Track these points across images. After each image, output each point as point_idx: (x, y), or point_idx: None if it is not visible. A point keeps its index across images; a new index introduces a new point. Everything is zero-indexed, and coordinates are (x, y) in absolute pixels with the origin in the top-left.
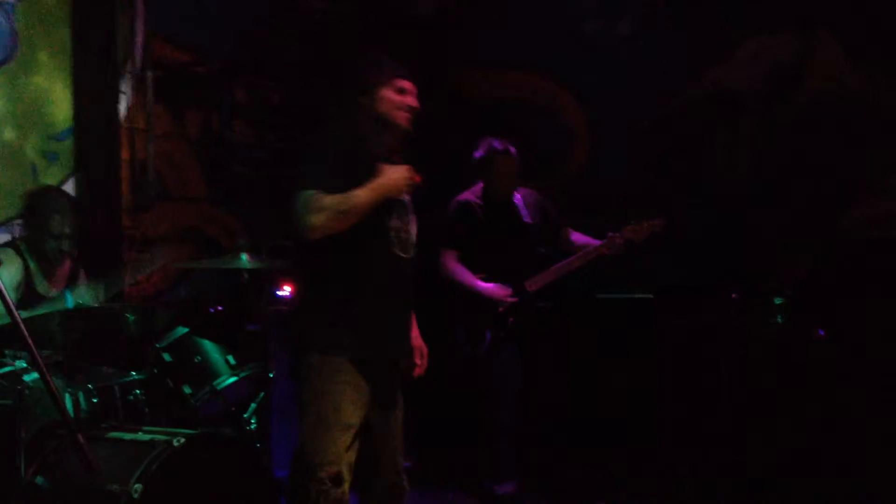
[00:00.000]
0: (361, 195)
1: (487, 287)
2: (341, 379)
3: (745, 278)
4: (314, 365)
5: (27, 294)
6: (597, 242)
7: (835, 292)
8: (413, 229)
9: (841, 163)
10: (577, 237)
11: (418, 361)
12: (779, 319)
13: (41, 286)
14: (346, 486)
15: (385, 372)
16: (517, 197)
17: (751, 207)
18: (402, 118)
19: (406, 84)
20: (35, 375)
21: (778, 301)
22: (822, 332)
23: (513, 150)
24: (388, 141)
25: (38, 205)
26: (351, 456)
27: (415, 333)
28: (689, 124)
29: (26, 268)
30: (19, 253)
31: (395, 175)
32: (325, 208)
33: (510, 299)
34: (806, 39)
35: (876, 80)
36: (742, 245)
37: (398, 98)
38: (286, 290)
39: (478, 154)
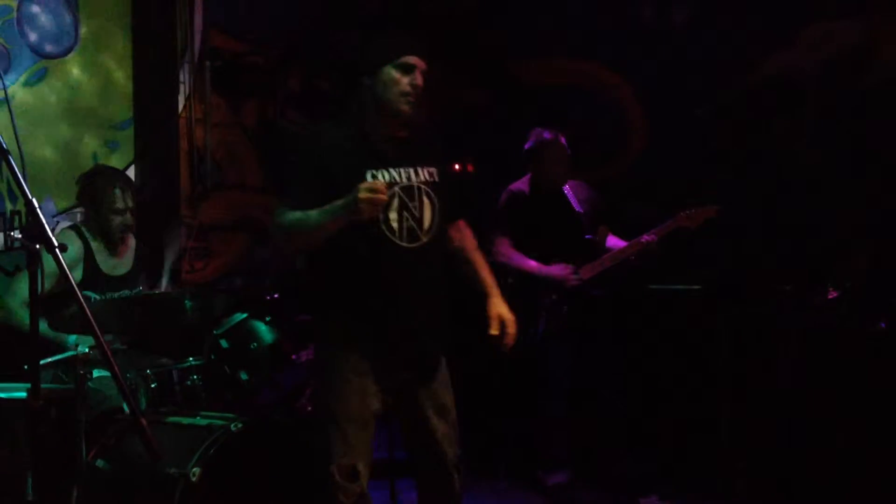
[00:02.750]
0: (313, 219)
1: (550, 269)
2: (346, 372)
3: (805, 270)
4: (320, 358)
5: (91, 274)
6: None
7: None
8: (427, 214)
9: None
10: (615, 243)
11: (497, 331)
12: (838, 311)
13: (105, 264)
14: (364, 480)
15: (414, 364)
16: (566, 187)
17: (811, 197)
18: (401, 102)
19: (413, 59)
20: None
21: (836, 293)
22: (883, 325)
23: (562, 139)
24: (389, 126)
25: (95, 184)
26: (365, 449)
27: (496, 302)
28: (749, 112)
29: (87, 248)
30: (80, 234)
31: (355, 196)
32: (283, 228)
33: (574, 278)
34: (870, 25)
35: None
36: (802, 236)
37: (400, 78)
38: None
39: (528, 144)
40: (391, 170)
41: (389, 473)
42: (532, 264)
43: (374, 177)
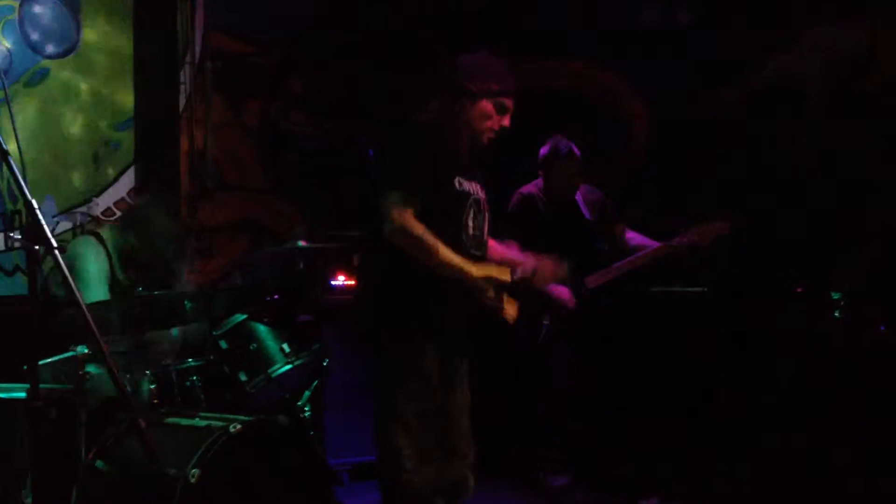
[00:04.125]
0: (448, 261)
1: (555, 288)
2: (423, 367)
3: (807, 273)
4: (395, 351)
5: (114, 283)
6: (653, 243)
7: None
8: (487, 225)
9: None
10: (633, 236)
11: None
12: (836, 314)
13: (120, 274)
14: (428, 469)
15: (454, 362)
16: (577, 193)
17: (813, 199)
18: (486, 137)
19: (509, 102)
20: (96, 361)
21: (836, 296)
22: (883, 328)
23: (577, 151)
24: (462, 151)
25: (147, 220)
26: (428, 440)
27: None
28: (751, 115)
29: (109, 255)
30: (101, 240)
31: (494, 273)
32: (411, 236)
33: (571, 305)
34: (872, 28)
35: None
36: (804, 239)
37: (495, 116)
38: (341, 280)
39: (543, 151)
40: (471, 182)
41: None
42: None
43: (460, 184)
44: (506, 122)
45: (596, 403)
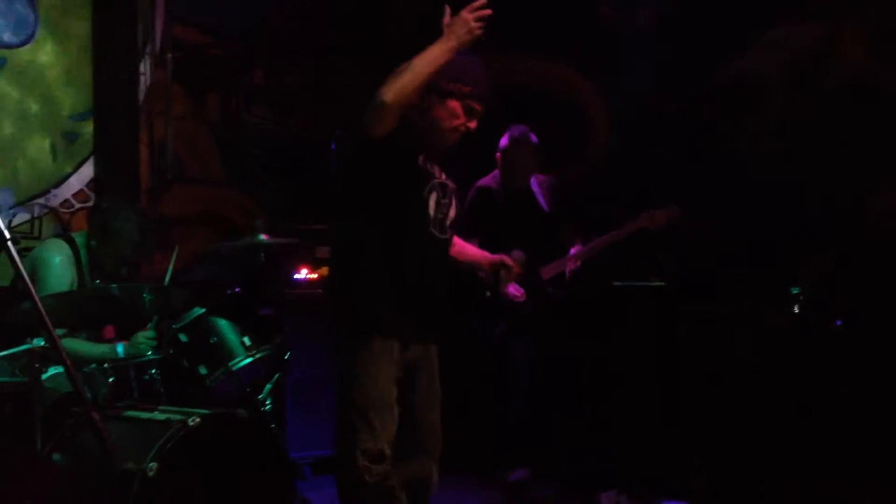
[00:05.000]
0: (421, 56)
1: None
2: (380, 357)
3: (766, 268)
4: (352, 344)
5: (80, 286)
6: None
7: (859, 284)
8: (452, 211)
9: (868, 153)
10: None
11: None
12: (795, 309)
13: (88, 282)
14: (389, 462)
15: (421, 353)
16: (534, 184)
17: (776, 197)
18: (451, 137)
19: (478, 107)
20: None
21: (795, 291)
22: (839, 323)
23: (533, 137)
24: (427, 145)
25: (114, 225)
26: (391, 432)
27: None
28: (713, 113)
29: (78, 262)
30: (73, 247)
31: (457, 28)
32: (388, 81)
33: (520, 299)
34: (832, 28)
35: None
36: (768, 235)
37: (462, 117)
38: (303, 273)
39: (501, 140)
40: (434, 164)
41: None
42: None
43: (424, 162)
44: (472, 125)
45: (554, 398)
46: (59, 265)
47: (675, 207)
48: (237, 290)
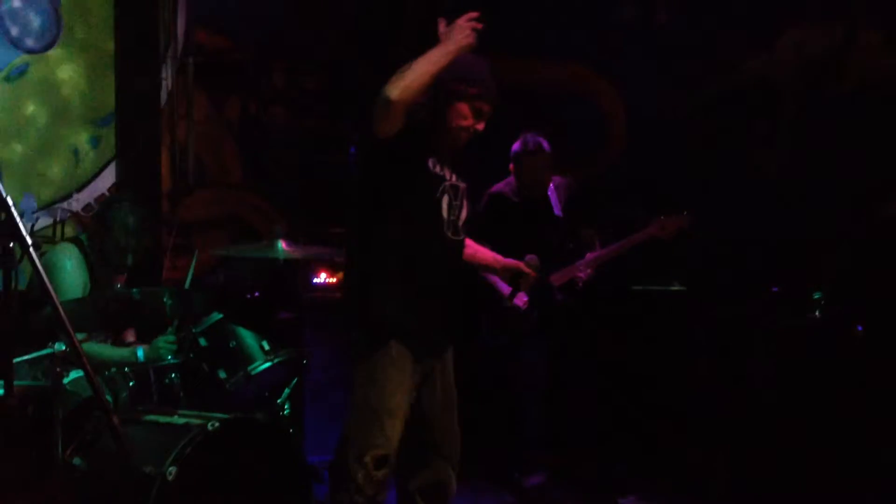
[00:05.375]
0: (425, 57)
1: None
2: (391, 363)
3: (783, 272)
4: (364, 348)
5: (94, 289)
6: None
7: (872, 287)
8: (464, 213)
9: (881, 155)
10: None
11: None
12: (817, 314)
13: (103, 278)
14: (391, 469)
15: (436, 356)
16: (550, 188)
17: (788, 199)
18: (460, 138)
19: (486, 107)
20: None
21: (816, 296)
22: (860, 328)
23: (546, 146)
24: (436, 147)
25: (108, 214)
26: (396, 439)
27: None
28: (726, 115)
29: (89, 264)
30: (82, 249)
31: (455, 34)
32: (392, 80)
33: (524, 306)
34: (847, 30)
35: None
36: (780, 238)
37: (470, 118)
38: (322, 277)
39: (514, 147)
40: (445, 166)
41: None
42: (495, 281)
43: (434, 165)
44: (480, 126)
45: (571, 402)
46: (71, 269)
47: (686, 215)
48: (256, 294)
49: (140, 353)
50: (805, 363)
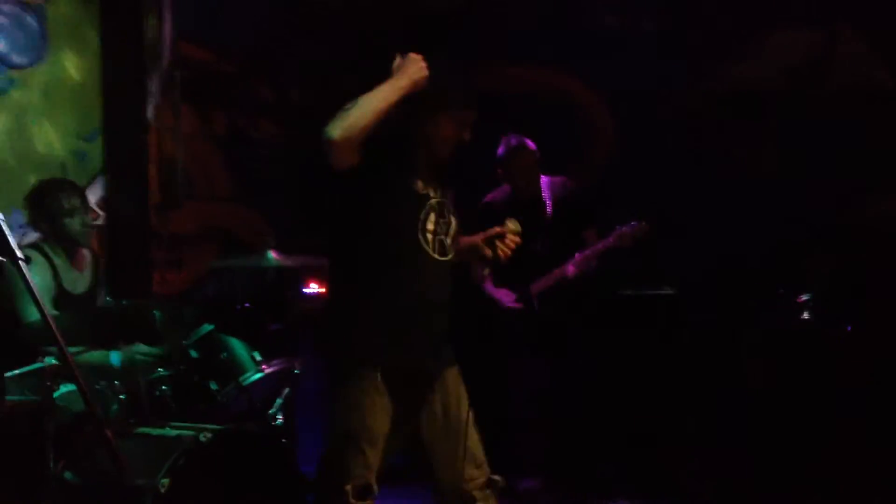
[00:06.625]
0: (371, 95)
1: (495, 292)
2: (371, 390)
3: (773, 273)
4: (342, 374)
5: (60, 295)
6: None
7: (863, 288)
8: (452, 228)
9: (868, 157)
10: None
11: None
12: (806, 315)
13: (67, 281)
14: (373, 496)
15: (427, 382)
16: (544, 187)
17: (777, 203)
18: (445, 150)
19: (469, 117)
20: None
21: (805, 297)
22: (849, 328)
23: (530, 144)
24: (417, 160)
25: (42, 192)
26: (377, 465)
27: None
28: (713, 120)
29: (53, 266)
30: (43, 253)
31: (408, 67)
32: (336, 118)
33: (513, 305)
34: (831, 35)
35: None
36: (769, 241)
37: (453, 130)
38: (313, 288)
39: (497, 153)
40: (427, 182)
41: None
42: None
43: (416, 184)
44: (466, 136)
45: (566, 405)
46: (35, 275)
47: (644, 224)
48: (247, 305)
49: (114, 357)
50: (796, 365)
